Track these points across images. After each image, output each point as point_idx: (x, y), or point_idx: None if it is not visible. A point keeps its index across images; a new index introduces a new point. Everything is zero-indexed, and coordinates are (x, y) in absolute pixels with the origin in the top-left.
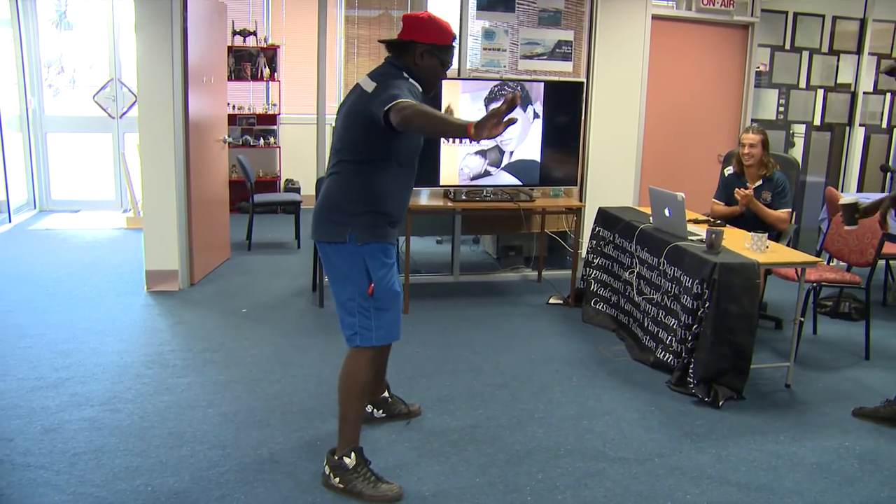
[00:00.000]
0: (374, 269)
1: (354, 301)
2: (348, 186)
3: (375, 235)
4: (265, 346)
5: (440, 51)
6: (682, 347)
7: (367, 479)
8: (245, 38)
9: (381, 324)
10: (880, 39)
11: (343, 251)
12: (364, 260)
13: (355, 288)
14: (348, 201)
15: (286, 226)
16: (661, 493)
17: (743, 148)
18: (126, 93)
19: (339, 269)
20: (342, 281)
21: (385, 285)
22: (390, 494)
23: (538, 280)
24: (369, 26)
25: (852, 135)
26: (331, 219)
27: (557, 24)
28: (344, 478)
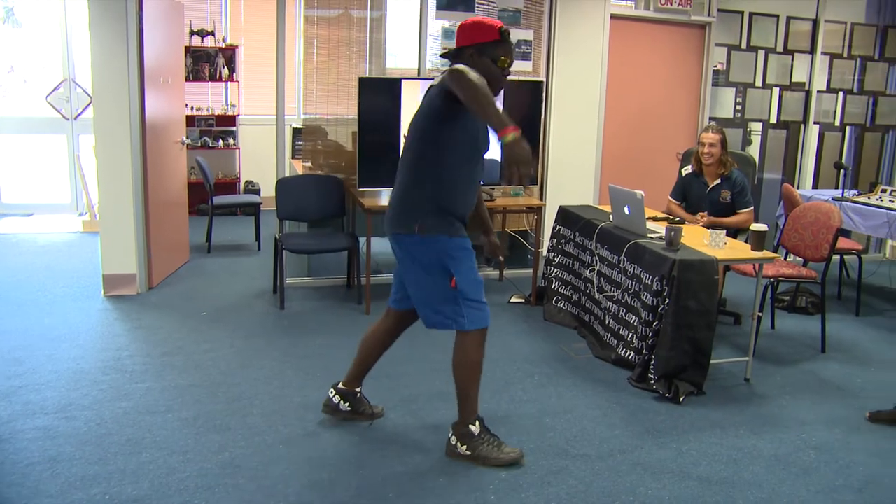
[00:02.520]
0: (453, 264)
1: (438, 294)
2: (419, 182)
3: (443, 229)
4: (226, 349)
5: (488, 48)
6: (642, 344)
7: (492, 444)
8: (203, 38)
9: (471, 311)
10: (832, 39)
11: (419, 244)
12: (440, 255)
13: (436, 281)
14: (420, 196)
15: (246, 228)
16: (624, 488)
17: (703, 147)
18: (80, 93)
19: (415, 261)
20: (419, 274)
21: (467, 277)
22: (514, 455)
23: (499, 279)
24: (329, 26)
25: (807, 132)
26: (405, 212)
27: (517, 23)
28: (471, 444)
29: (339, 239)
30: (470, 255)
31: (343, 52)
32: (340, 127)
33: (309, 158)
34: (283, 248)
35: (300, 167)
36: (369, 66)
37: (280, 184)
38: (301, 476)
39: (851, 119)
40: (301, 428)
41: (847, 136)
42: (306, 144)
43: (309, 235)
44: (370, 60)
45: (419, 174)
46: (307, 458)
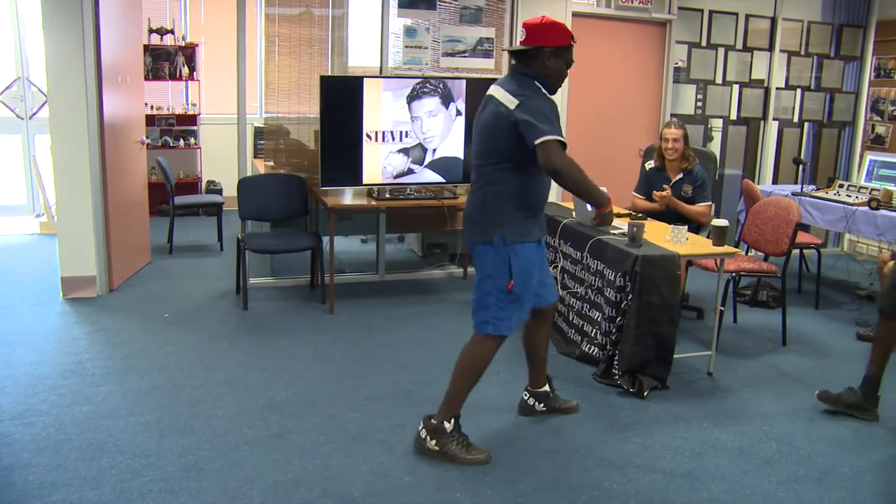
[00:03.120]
0: (515, 267)
1: (492, 295)
2: (496, 193)
3: (522, 235)
4: (189, 351)
5: (564, 52)
6: (606, 340)
7: (461, 444)
8: (162, 36)
9: (514, 313)
10: (789, 37)
11: (490, 250)
12: (510, 258)
13: (497, 283)
14: (497, 205)
15: (208, 228)
16: (590, 483)
17: (666, 143)
18: (35, 92)
19: (486, 265)
20: (486, 276)
21: (523, 282)
22: (481, 458)
23: (464, 277)
24: (290, 24)
25: (766, 129)
26: (484, 219)
27: (478, 21)
28: (440, 441)
29: (302, 238)
30: (536, 258)
31: (305, 51)
32: (302, 126)
33: (271, 158)
34: (246, 248)
35: (262, 167)
36: (331, 65)
37: (242, 183)
38: (266, 477)
39: (809, 115)
40: (265, 429)
41: (805, 133)
42: (268, 143)
43: (272, 235)
44: (332, 59)
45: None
46: (272, 459)
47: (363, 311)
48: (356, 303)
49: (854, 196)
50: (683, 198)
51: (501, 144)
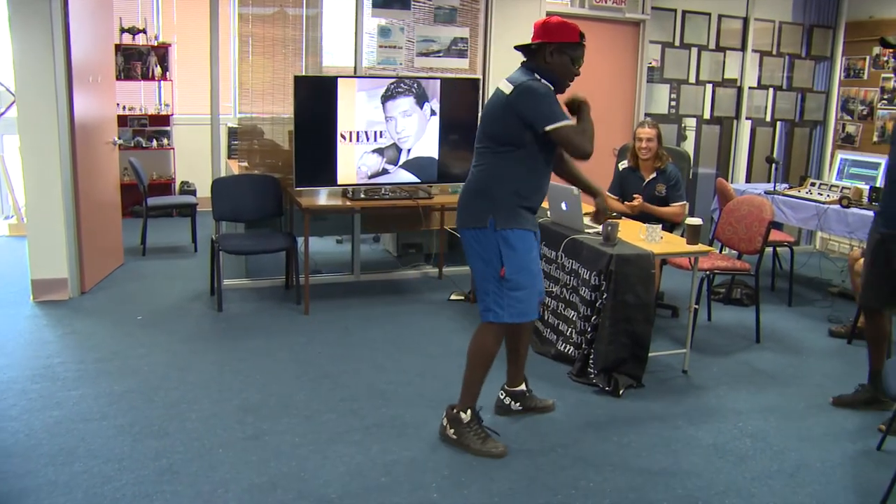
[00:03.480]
0: (506, 254)
1: (488, 281)
2: (490, 175)
3: (513, 222)
4: (162, 354)
5: (569, 48)
6: (581, 339)
7: (478, 435)
8: (134, 35)
9: (513, 303)
10: (761, 37)
11: (481, 236)
12: (499, 244)
13: (490, 269)
14: (490, 188)
15: (182, 229)
16: (566, 482)
17: (640, 142)
18: (3, 92)
19: (476, 252)
20: (478, 262)
21: (519, 269)
22: (495, 451)
23: (439, 277)
24: (264, 24)
25: (739, 128)
26: (474, 205)
27: (453, 21)
28: (458, 430)
29: (276, 239)
30: (531, 246)
31: (279, 51)
32: (277, 126)
33: (245, 158)
34: (220, 249)
35: (236, 167)
36: (305, 65)
37: (216, 184)
38: (241, 480)
39: (781, 115)
40: (241, 431)
41: (778, 131)
42: (242, 144)
43: (246, 236)
44: (306, 59)
45: (494, 169)
46: (247, 461)
47: (338, 312)
48: (331, 303)
49: (825, 194)
50: (657, 197)
51: (497, 128)
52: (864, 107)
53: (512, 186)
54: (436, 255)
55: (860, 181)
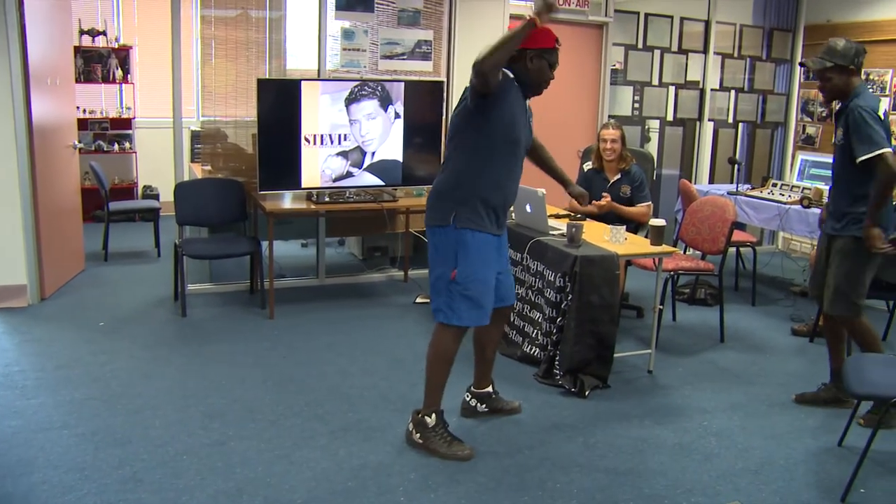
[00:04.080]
0: (462, 257)
1: (441, 281)
2: (454, 174)
3: (474, 223)
4: (125, 360)
5: (547, 53)
6: (547, 340)
7: (443, 438)
8: (94, 37)
9: (464, 308)
10: (723, 40)
11: (440, 234)
12: (456, 245)
13: (443, 269)
14: (453, 188)
15: (145, 234)
16: (532, 484)
17: (604, 143)
18: None
19: (435, 250)
20: (435, 261)
21: (470, 274)
22: (462, 454)
23: (404, 279)
24: (226, 27)
25: (702, 129)
26: (438, 205)
27: (417, 23)
28: (424, 434)
29: (240, 243)
30: (487, 253)
31: (242, 53)
32: (240, 129)
33: (208, 162)
34: (184, 253)
35: (200, 171)
36: (269, 68)
37: (179, 188)
38: (207, 486)
39: (743, 116)
40: (206, 437)
41: (740, 133)
42: (205, 148)
43: (210, 240)
44: (270, 61)
45: (458, 168)
46: (212, 467)
47: (304, 316)
48: (296, 307)
49: (787, 195)
50: (622, 198)
51: (462, 127)
52: (823, 108)
53: (475, 186)
54: (401, 258)
55: (820, 182)
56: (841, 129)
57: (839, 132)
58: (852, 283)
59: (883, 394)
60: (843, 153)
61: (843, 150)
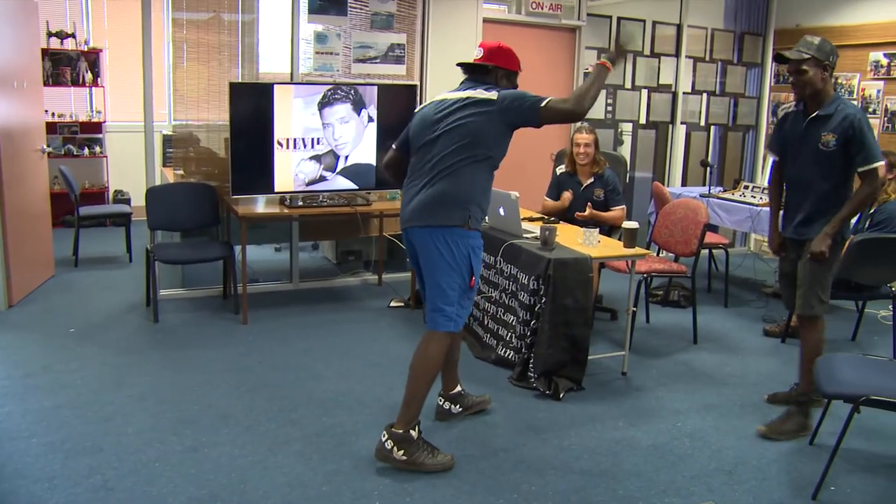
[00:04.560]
0: (475, 263)
1: (455, 291)
2: (467, 184)
3: (479, 229)
4: (96, 367)
5: (513, 76)
6: (521, 343)
7: (427, 450)
8: (62, 40)
9: (466, 312)
10: (695, 44)
11: (451, 242)
12: (470, 253)
13: (459, 278)
14: (468, 196)
15: (116, 239)
16: (508, 486)
17: (578, 147)
18: None
19: (444, 258)
20: (446, 269)
21: (476, 278)
22: (447, 462)
23: (378, 283)
24: (198, 30)
25: (674, 132)
26: (448, 209)
27: (390, 27)
28: (408, 450)
29: (213, 248)
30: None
31: (214, 57)
32: (213, 133)
33: (181, 166)
34: (156, 258)
35: (172, 175)
36: (241, 71)
37: (150, 193)
38: (180, 493)
39: (715, 119)
40: (179, 444)
41: (712, 136)
42: (177, 152)
43: (182, 245)
44: (242, 65)
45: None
46: (186, 474)
47: (277, 321)
48: (270, 312)
49: (758, 197)
50: (596, 201)
51: (485, 138)
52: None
53: (482, 197)
54: (375, 261)
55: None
56: (832, 135)
57: (828, 137)
58: (825, 283)
59: (853, 392)
60: (832, 158)
61: (832, 156)
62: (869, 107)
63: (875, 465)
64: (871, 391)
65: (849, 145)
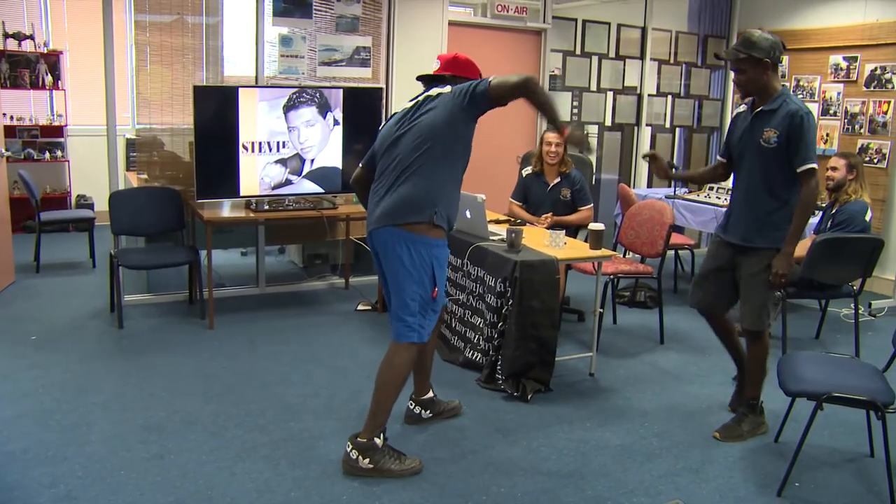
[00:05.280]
0: (439, 274)
1: (416, 301)
2: (429, 183)
3: (443, 237)
4: (59, 374)
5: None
6: (489, 345)
7: (393, 457)
8: (20, 41)
9: (431, 322)
10: (659, 46)
11: (413, 248)
12: (433, 263)
13: (421, 289)
14: (432, 200)
15: (79, 244)
16: (477, 488)
17: (549, 147)
18: None
19: (404, 264)
20: (406, 276)
21: (440, 287)
22: (415, 467)
23: (345, 287)
24: (161, 33)
25: (640, 134)
26: (410, 216)
27: (355, 30)
28: (374, 458)
29: (178, 253)
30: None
31: (178, 60)
32: (177, 137)
33: (144, 170)
34: (120, 264)
35: (136, 180)
36: (206, 74)
37: (114, 197)
38: (146, 502)
39: (680, 121)
40: (145, 451)
41: (677, 137)
42: (141, 156)
43: (147, 250)
44: (207, 68)
45: (430, 180)
46: (152, 482)
47: (244, 326)
48: (237, 317)
49: (723, 198)
50: (563, 201)
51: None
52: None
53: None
54: (342, 265)
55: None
56: (775, 131)
57: (770, 133)
58: (773, 297)
59: (816, 390)
60: (775, 155)
61: (774, 154)
62: (830, 109)
63: (838, 461)
64: (833, 388)
65: (790, 143)
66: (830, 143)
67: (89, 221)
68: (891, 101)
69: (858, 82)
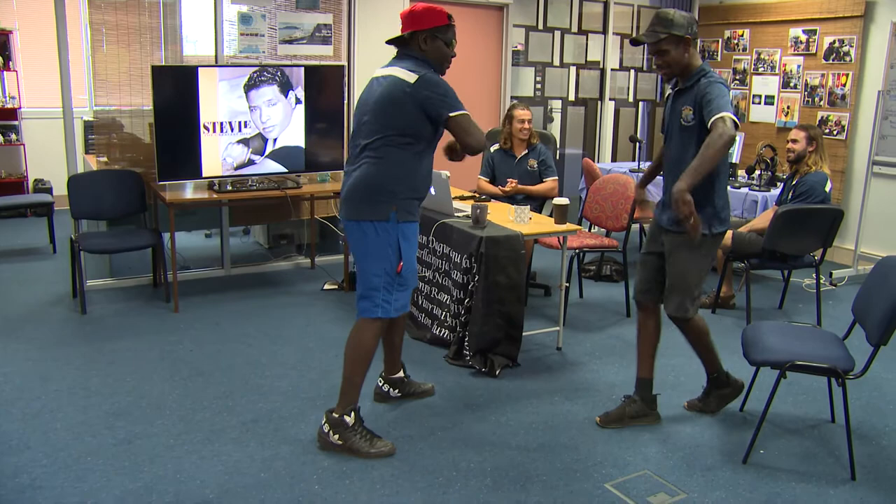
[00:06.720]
0: (404, 249)
1: (381, 277)
2: (390, 169)
3: (411, 215)
4: (20, 363)
5: (441, 32)
6: (456, 322)
7: (364, 437)
8: None
9: (399, 298)
10: (621, 21)
11: (380, 229)
12: (398, 239)
13: (385, 265)
14: (392, 182)
15: (38, 230)
16: (445, 464)
17: (522, 124)
18: None
19: (371, 246)
20: (372, 257)
21: (407, 264)
22: (385, 450)
23: (311, 267)
24: (117, 11)
25: (603, 109)
26: (373, 199)
27: (316, 7)
28: (343, 435)
29: (141, 236)
30: (416, 240)
31: (135, 39)
32: (136, 119)
33: (104, 153)
34: (81, 248)
35: (95, 163)
36: (164, 54)
37: (72, 181)
38: (113, 488)
39: (643, 95)
40: (111, 437)
41: (640, 112)
42: (100, 138)
43: (108, 234)
44: (165, 48)
45: (395, 162)
46: (119, 468)
47: (210, 308)
48: (202, 299)
49: None
50: (529, 172)
51: (400, 120)
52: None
53: (410, 181)
54: (307, 245)
55: None
56: (690, 108)
57: (687, 111)
58: (700, 283)
59: (779, 359)
60: (694, 134)
61: (694, 132)
62: (790, 82)
63: (801, 427)
64: (796, 357)
65: (703, 108)
66: (791, 116)
67: (48, 206)
68: (849, 73)
69: (818, 55)
